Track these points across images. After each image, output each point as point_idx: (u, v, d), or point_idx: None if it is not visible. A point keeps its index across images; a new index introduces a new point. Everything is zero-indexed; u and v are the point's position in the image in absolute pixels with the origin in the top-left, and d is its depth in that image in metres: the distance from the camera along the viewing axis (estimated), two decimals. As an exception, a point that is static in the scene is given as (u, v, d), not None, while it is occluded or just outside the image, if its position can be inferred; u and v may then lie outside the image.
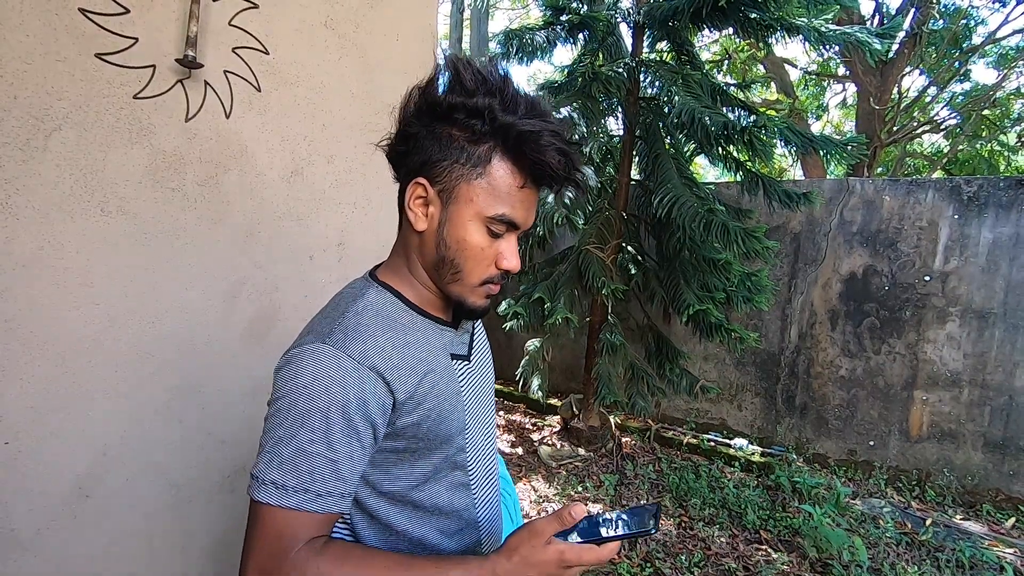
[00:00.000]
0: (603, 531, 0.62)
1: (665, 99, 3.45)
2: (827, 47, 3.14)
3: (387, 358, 0.66)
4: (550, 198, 3.70)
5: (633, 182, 3.84)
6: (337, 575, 0.60)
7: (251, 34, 1.32)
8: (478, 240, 0.69)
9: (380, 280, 0.76)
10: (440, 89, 0.68)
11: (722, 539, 2.78)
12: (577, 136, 0.76)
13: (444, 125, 0.67)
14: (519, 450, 3.85)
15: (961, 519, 3.08)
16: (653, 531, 0.61)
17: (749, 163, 3.49)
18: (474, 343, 0.84)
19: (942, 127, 7.72)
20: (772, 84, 8.43)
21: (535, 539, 0.61)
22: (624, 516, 0.64)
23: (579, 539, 0.62)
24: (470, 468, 0.78)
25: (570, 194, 3.75)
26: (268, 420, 0.64)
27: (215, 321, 1.33)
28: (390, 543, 0.73)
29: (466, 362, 0.80)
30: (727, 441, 3.98)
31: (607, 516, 0.64)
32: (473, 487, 0.79)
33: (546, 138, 0.64)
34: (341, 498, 0.64)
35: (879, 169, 8.11)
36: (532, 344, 3.99)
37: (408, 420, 0.68)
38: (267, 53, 1.36)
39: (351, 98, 1.54)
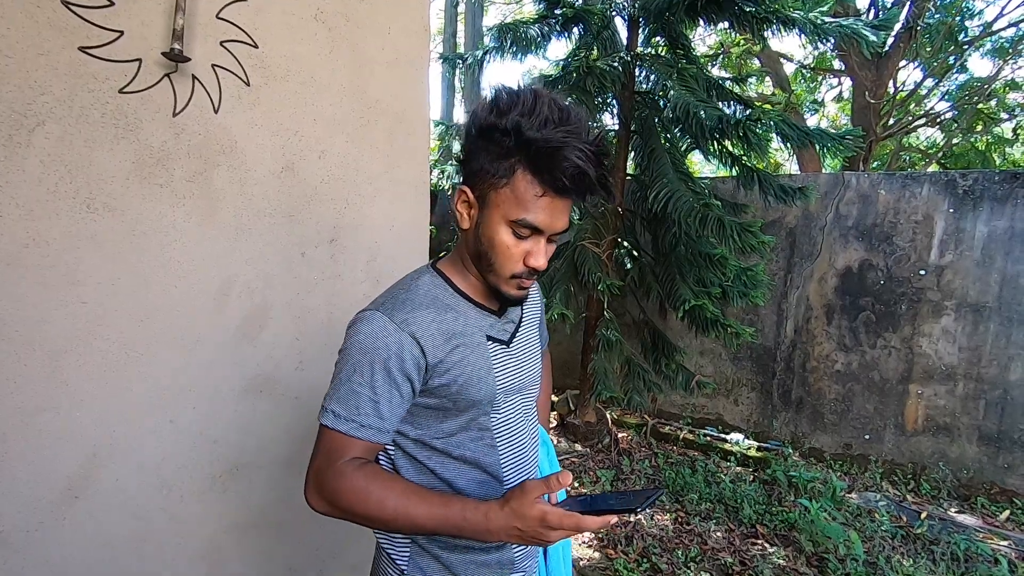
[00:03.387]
0: (590, 503, 0.71)
1: (660, 93, 3.44)
2: (823, 40, 3.13)
3: (424, 327, 0.81)
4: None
5: (629, 177, 3.83)
6: (366, 486, 0.76)
7: (239, 27, 1.30)
8: (505, 240, 0.80)
9: (437, 268, 0.90)
10: (483, 110, 0.79)
11: (718, 534, 2.79)
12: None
13: (484, 141, 0.78)
14: (516, 446, 3.85)
15: (956, 512, 3.09)
16: (638, 509, 0.67)
17: (745, 158, 3.48)
18: (518, 335, 0.95)
19: (938, 121, 7.72)
20: (768, 78, 8.42)
21: (526, 495, 0.70)
22: (619, 496, 0.71)
23: (570, 507, 0.70)
24: (496, 433, 0.91)
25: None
26: (336, 364, 0.82)
27: (205, 319, 1.31)
28: (423, 479, 0.87)
29: (504, 346, 0.91)
30: (723, 436, 3.99)
31: (607, 492, 0.70)
32: (500, 448, 0.91)
33: (565, 153, 0.72)
34: (379, 432, 0.79)
35: (875, 163, 8.12)
36: (528, 340, 3.97)
37: (439, 381, 0.82)
38: (256, 47, 1.34)
39: (342, 93, 1.52)
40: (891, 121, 7.01)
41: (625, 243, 3.90)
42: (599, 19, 3.51)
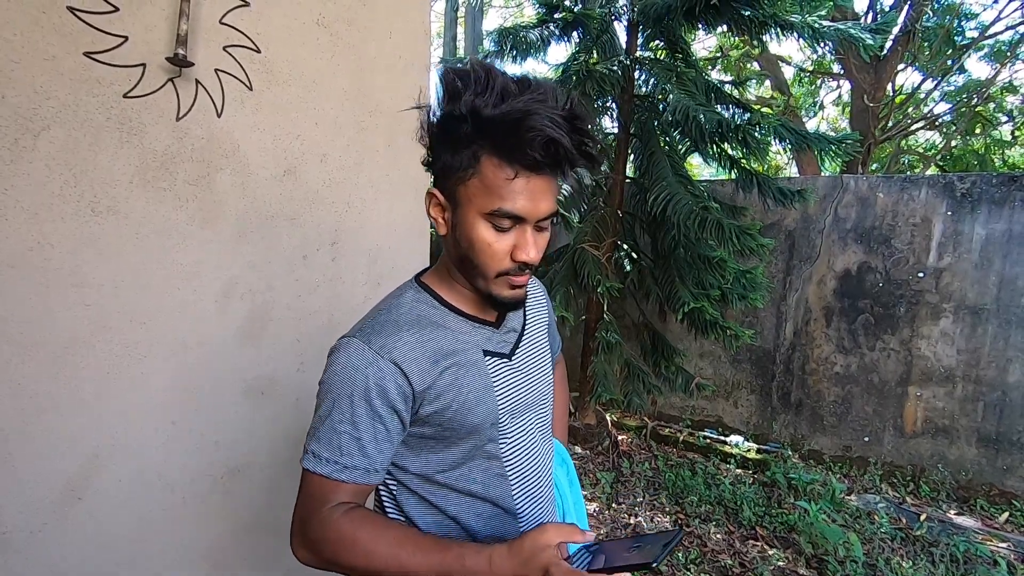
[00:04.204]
0: (604, 558, 0.62)
1: (660, 97, 3.45)
2: (822, 44, 3.15)
3: (407, 351, 0.73)
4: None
5: (628, 180, 3.84)
6: (353, 534, 0.69)
7: (242, 32, 1.32)
8: (485, 236, 0.71)
9: (422, 282, 0.83)
10: (436, 101, 0.72)
11: (718, 536, 2.79)
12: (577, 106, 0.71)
13: (443, 134, 0.71)
14: (516, 448, 3.85)
15: (955, 514, 3.09)
16: (655, 563, 0.58)
17: (744, 161, 3.49)
18: (521, 345, 0.87)
19: (936, 124, 7.74)
20: (767, 81, 8.44)
21: (541, 536, 0.63)
22: (635, 544, 0.63)
23: (580, 560, 0.63)
24: (505, 461, 0.82)
25: (571, 182, 3.74)
26: (317, 397, 0.75)
27: (208, 321, 1.32)
28: (428, 517, 0.80)
29: (506, 360, 0.83)
30: (723, 438, 3.99)
31: (622, 539, 0.64)
32: (511, 478, 0.82)
33: (529, 123, 0.63)
34: (367, 472, 0.72)
35: (874, 166, 8.13)
36: (528, 342, 3.98)
37: (431, 409, 0.74)
38: (259, 51, 1.35)
39: (344, 97, 1.53)
40: (890, 124, 7.03)
41: (625, 246, 3.91)
42: (598, 23, 3.53)
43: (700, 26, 3.34)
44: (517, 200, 0.69)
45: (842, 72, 7.31)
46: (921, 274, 3.41)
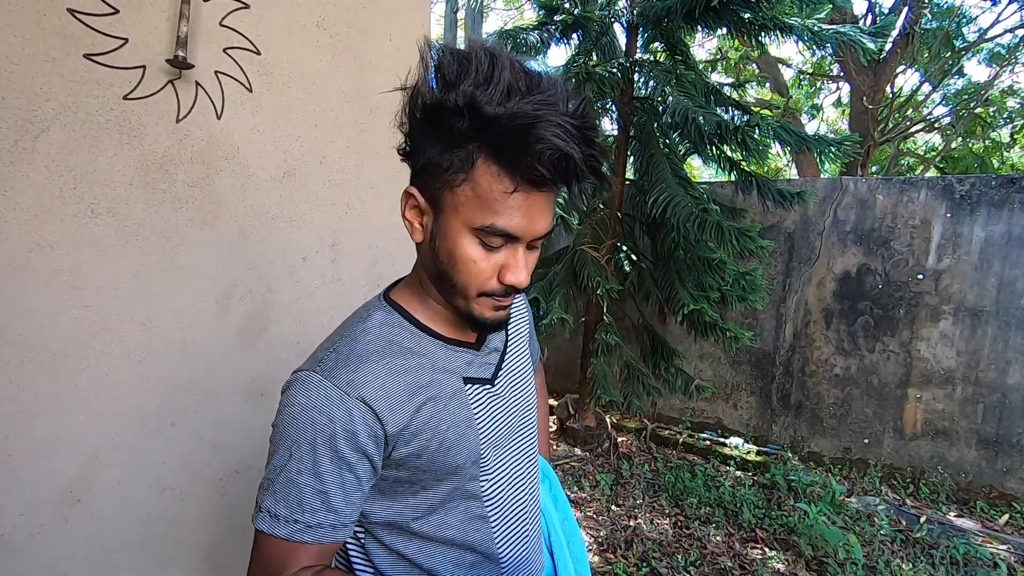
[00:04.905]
0: None
1: (659, 99, 3.46)
2: (821, 46, 3.15)
3: (379, 387, 0.62)
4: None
5: (628, 182, 3.84)
6: None
7: (242, 34, 1.32)
8: (470, 253, 0.61)
9: (391, 299, 0.72)
10: (423, 85, 0.60)
11: (718, 538, 2.79)
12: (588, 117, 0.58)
13: (431, 126, 0.60)
14: (515, 450, 3.85)
15: (955, 516, 3.09)
16: None
17: (744, 163, 3.50)
18: (504, 365, 0.77)
19: (935, 125, 7.75)
20: (767, 83, 8.45)
21: None
22: None
23: None
24: (487, 500, 0.72)
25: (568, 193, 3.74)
26: (270, 441, 0.65)
27: (207, 323, 1.32)
28: (399, 568, 0.70)
29: (487, 386, 0.73)
30: (723, 440, 3.99)
31: None
32: (492, 520, 0.73)
33: (539, 132, 0.53)
34: (333, 529, 0.62)
35: (873, 168, 8.14)
36: (528, 344, 3.98)
37: (406, 451, 0.64)
38: (258, 53, 1.35)
39: (343, 99, 1.54)
40: (889, 126, 7.04)
41: (624, 247, 3.92)
42: (598, 25, 3.54)
43: (700, 28, 3.35)
44: (513, 217, 0.58)
45: (841, 74, 7.32)
46: (920, 276, 3.41)
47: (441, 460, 0.66)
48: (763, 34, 3.10)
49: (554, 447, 3.85)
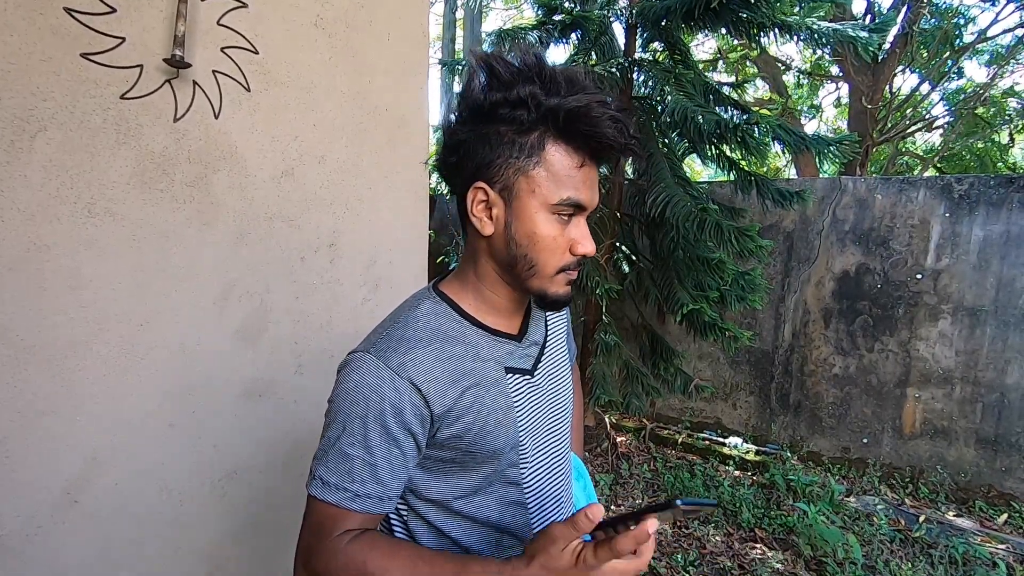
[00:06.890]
0: (615, 525, 0.56)
1: (658, 98, 3.45)
2: (821, 45, 3.15)
3: (426, 370, 0.68)
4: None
5: (627, 181, 3.84)
6: (364, 561, 0.64)
7: (240, 33, 1.31)
8: (548, 230, 0.68)
9: (440, 291, 0.77)
10: (478, 89, 0.67)
11: (717, 537, 2.79)
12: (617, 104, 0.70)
13: (490, 124, 0.67)
14: (514, 450, 3.85)
15: (954, 516, 3.09)
16: (676, 504, 0.54)
17: (743, 162, 3.49)
18: (543, 359, 0.82)
19: (934, 125, 7.76)
20: (766, 83, 8.45)
21: (551, 546, 0.58)
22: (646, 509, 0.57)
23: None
24: (525, 487, 0.77)
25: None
26: (325, 416, 0.70)
27: (205, 323, 1.32)
28: (442, 546, 0.75)
29: (527, 376, 0.78)
30: (722, 440, 3.99)
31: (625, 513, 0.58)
32: (530, 506, 0.77)
33: (596, 110, 0.63)
34: (380, 500, 0.67)
35: (872, 167, 8.15)
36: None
37: (449, 432, 0.69)
38: (256, 53, 1.35)
39: (342, 98, 1.53)
40: (888, 125, 7.04)
41: (623, 247, 3.92)
42: (597, 25, 3.53)
43: (699, 28, 3.34)
44: (582, 189, 0.67)
45: (841, 74, 7.33)
46: (919, 275, 3.42)
47: (482, 443, 0.71)
48: (763, 33, 3.10)
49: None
